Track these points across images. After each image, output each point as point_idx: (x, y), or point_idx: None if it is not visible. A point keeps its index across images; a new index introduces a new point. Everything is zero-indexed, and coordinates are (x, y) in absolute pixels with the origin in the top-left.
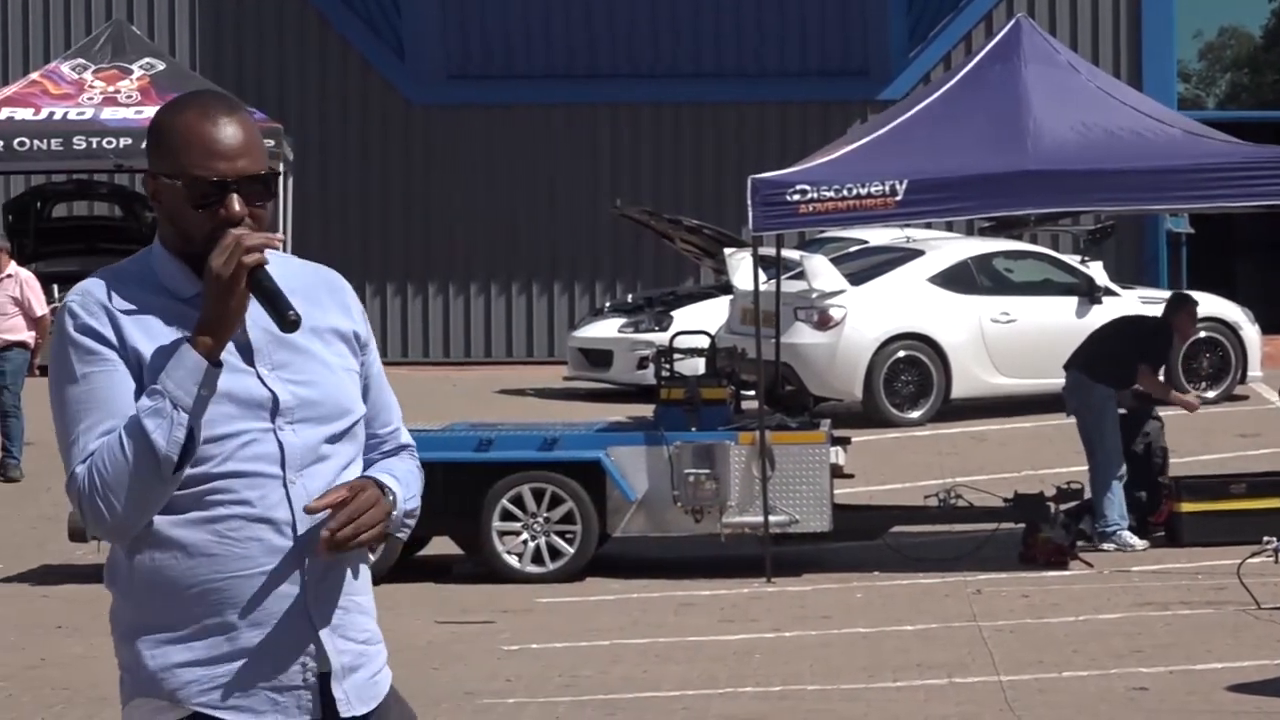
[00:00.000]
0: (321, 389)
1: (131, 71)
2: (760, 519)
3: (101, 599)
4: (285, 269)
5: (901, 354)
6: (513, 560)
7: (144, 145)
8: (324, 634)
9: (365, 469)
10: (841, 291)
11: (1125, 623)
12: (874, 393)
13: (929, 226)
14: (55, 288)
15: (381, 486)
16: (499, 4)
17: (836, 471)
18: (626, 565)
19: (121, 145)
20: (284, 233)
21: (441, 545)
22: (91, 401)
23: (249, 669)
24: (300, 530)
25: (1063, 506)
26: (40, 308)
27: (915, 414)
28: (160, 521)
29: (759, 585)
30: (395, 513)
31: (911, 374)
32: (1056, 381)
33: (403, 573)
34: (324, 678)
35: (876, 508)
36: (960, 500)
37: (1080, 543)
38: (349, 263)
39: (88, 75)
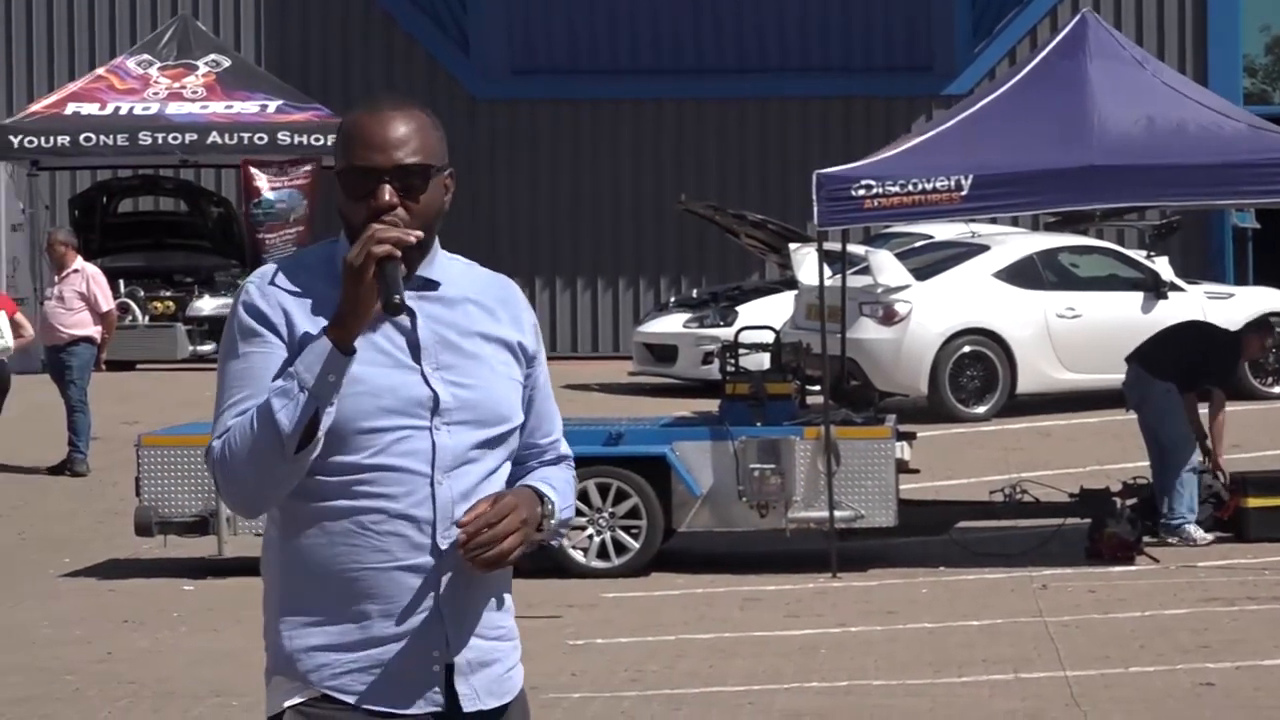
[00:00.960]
0: (482, 393)
1: (197, 68)
2: (825, 514)
3: (167, 593)
4: (468, 275)
5: (967, 349)
6: (578, 555)
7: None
8: (453, 630)
9: (523, 476)
10: (907, 286)
11: (1191, 618)
12: (939, 388)
13: (994, 221)
14: (121, 283)
15: (541, 496)
16: None
17: (902, 466)
18: (692, 560)
19: (187, 140)
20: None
21: None
22: (244, 379)
23: (378, 658)
24: (440, 530)
25: (1129, 501)
26: (106, 303)
27: (981, 409)
28: (310, 506)
29: (824, 580)
30: (552, 521)
31: (977, 369)
32: (1122, 377)
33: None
34: (450, 671)
35: (942, 503)
36: (1026, 495)
37: (1146, 538)
38: None
39: (153, 71)
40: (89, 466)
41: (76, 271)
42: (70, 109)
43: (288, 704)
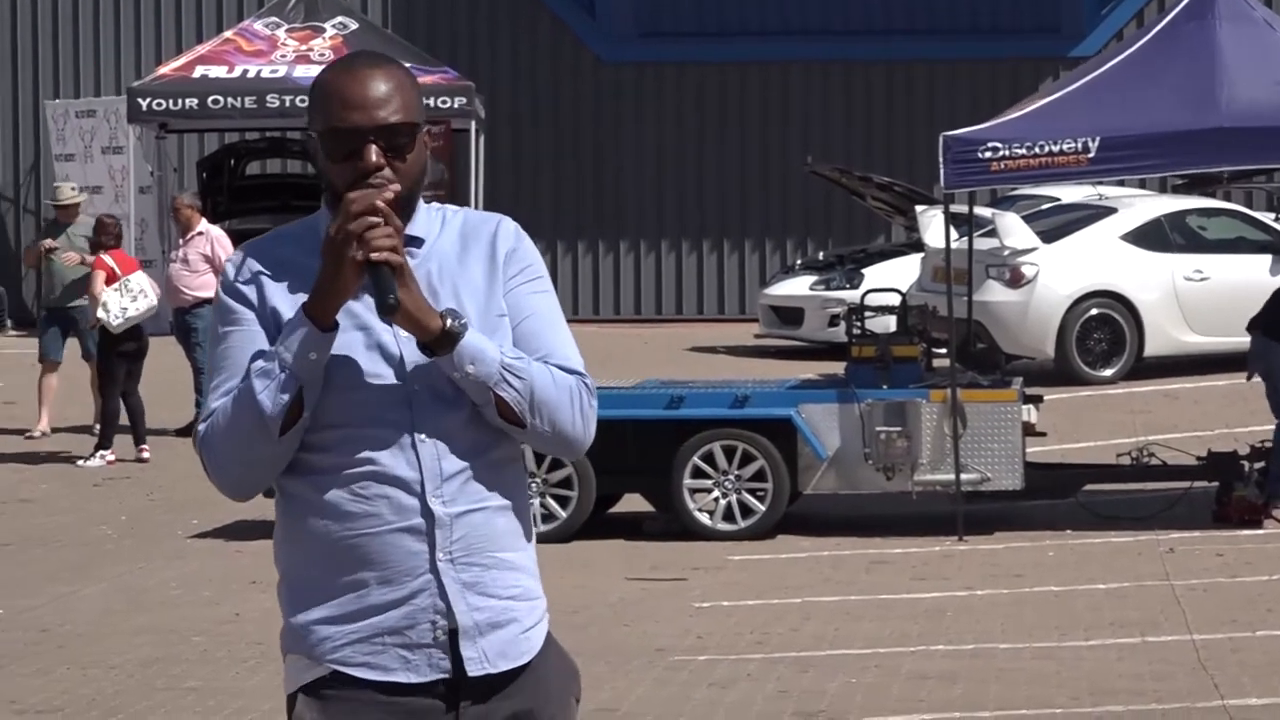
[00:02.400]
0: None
1: (324, 30)
2: (952, 477)
3: None
4: (451, 224)
5: (1094, 312)
6: (704, 517)
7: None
8: (453, 591)
9: None
10: (1033, 249)
11: None
12: (1066, 350)
13: (1121, 184)
14: None
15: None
16: None
17: (1028, 429)
18: (817, 523)
19: None
20: (475, 190)
21: (633, 502)
22: (225, 360)
23: (378, 626)
24: (428, 489)
25: (1257, 465)
26: None
27: (1107, 372)
28: (299, 479)
29: (951, 543)
30: (490, 357)
31: (1104, 332)
32: (1250, 340)
33: (594, 529)
34: (454, 635)
35: (1069, 466)
36: (1153, 458)
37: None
38: (539, 220)
39: (280, 33)
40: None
41: (201, 234)
42: (198, 72)
43: (298, 686)
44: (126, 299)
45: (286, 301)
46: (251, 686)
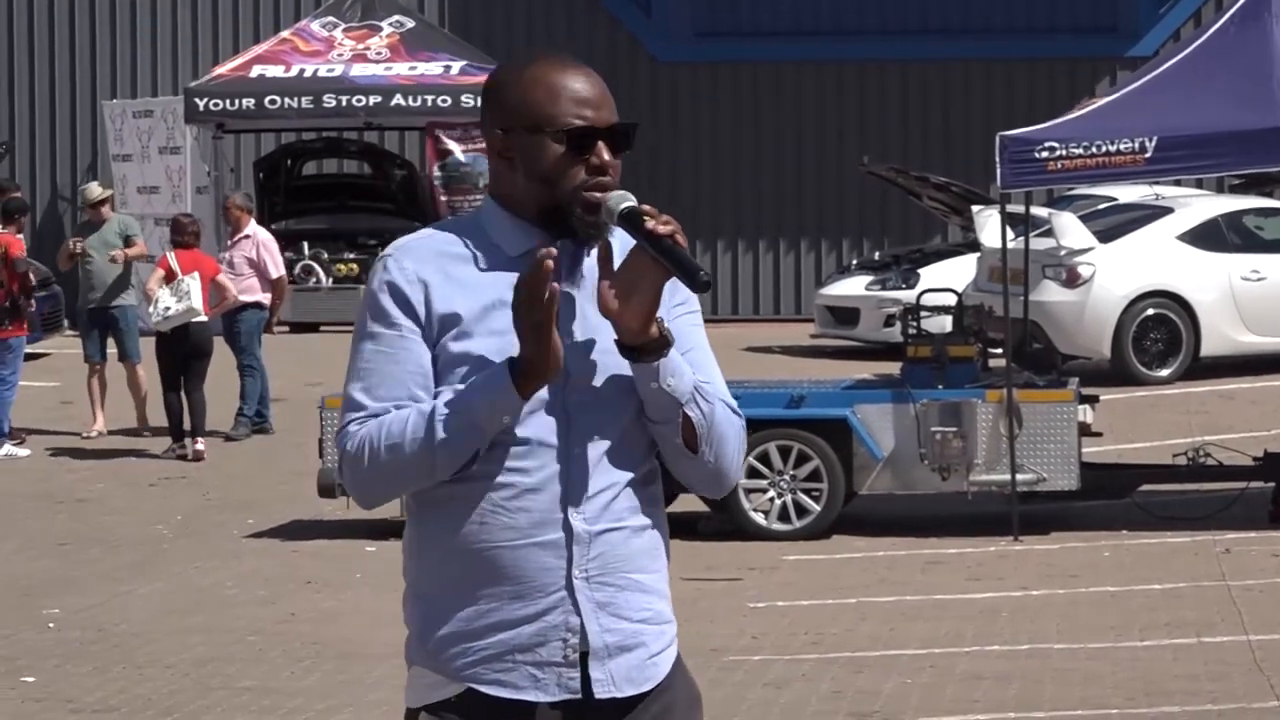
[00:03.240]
0: (614, 356)
1: (381, 29)
2: (1007, 477)
3: (349, 554)
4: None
5: (1150, 312)
6: (759, 517)
7: (481, 104)
8: (588, 611)
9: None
10: (1090, 249)
11: None
12: (1122, 351)
13: (1178, 184)
14: (305, 245)
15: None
16: None
17: (1084, 429)
18: (873, 523)
19: (371, 103)
20: None
21: (688, 502)
22: (378, 363)
23: (509, 643)
24: (571, 504)
25: None
26: (276, 269)
27: (1164, 372)
28: (439, 486)
29: (1006, 543)
30: (686, 373)
31: (1160, 332)
32: None
33: None
34: (585, 656)
35: (1125, 466)
36: (1209, 459)
37: None
38: None
39: (337, 33)
40: (250, 430)
41: (247, 237)
42: (255, 72)
43: (423, 704)
44: (172, 299)
45: (456, 301)
46: (306, 686)
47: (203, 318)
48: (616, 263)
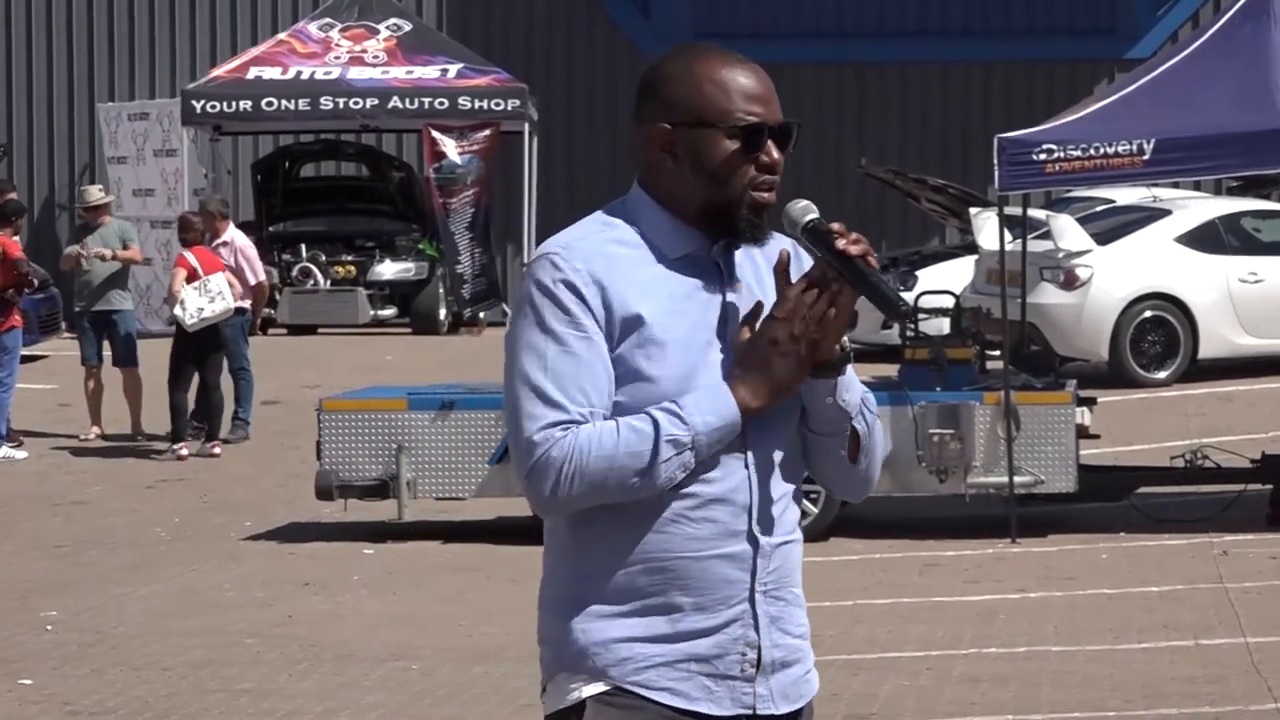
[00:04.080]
0: None
1: (378, 32)
2: (1005, 479)
3: (347, 557)
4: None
5: (1148, 314)
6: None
7: (643, 97)
8: (764, 626)
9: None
10: (1088, 251)
11: None
12: (1120, 353)
13: (1176, 186)
14: (303, 248)
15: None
16: None
17: (1082, 432)
18: (870, 525)
19: (368, 105)
20: (528, 192)
21: None
22: (565, 366)
23: (687, 652)
24: (755, 515)
25: None
26: (254, 275)
27: (1162, 374)
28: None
29: (1004, 546)
30: (858, 386)
31: (1158, 334)
32: None
33: None
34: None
35: (1122, 468)
36: (1207, 461)
37: None
38: None
39: (334, 35)
40: (247, 433)
41: (226, 244)
42: (252, 74)
43: (587, 692)
44: (204, 299)
45: (632, 302)
46: (304, 689)
47: (232, 311)
48: (794, 273)
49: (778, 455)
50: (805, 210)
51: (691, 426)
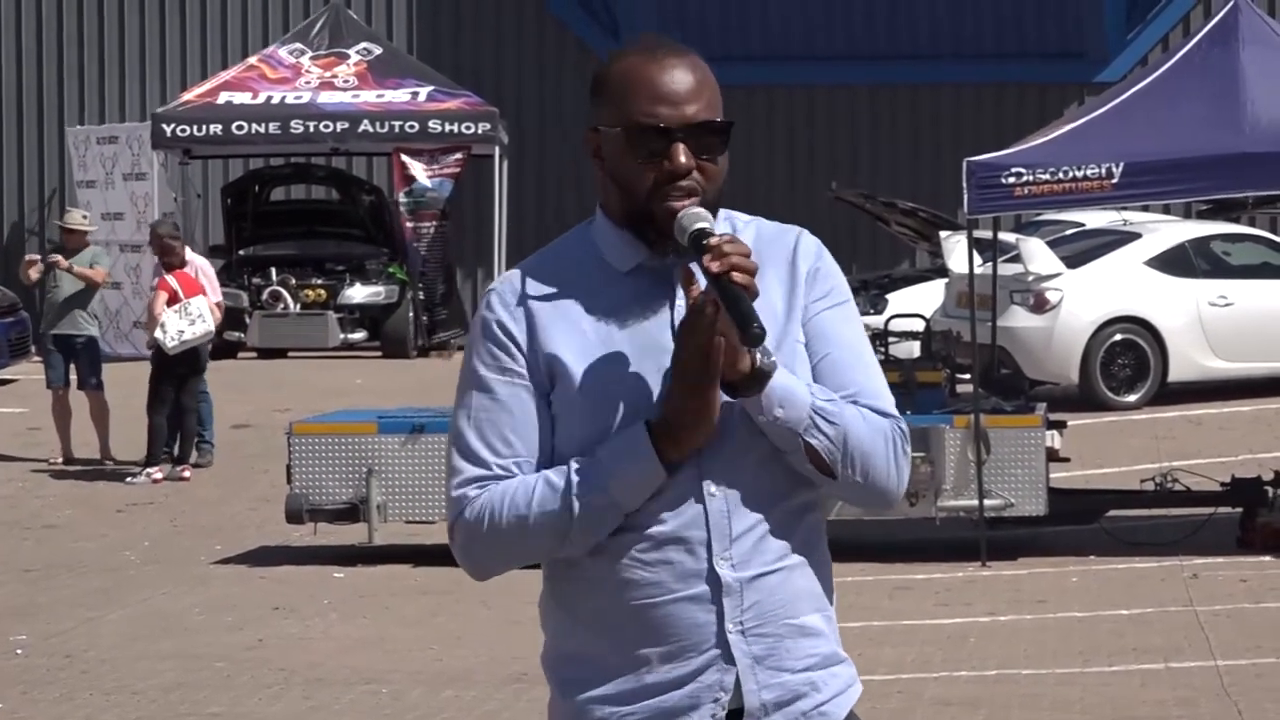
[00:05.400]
0: None
1: (348, 56)
2: (975, 502)
3: (317, 580)
4: (745, 234)
5: (1118, 337)
6: None
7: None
8: (743, 667)
9: None
10: (1058, 274)
11: None
12: (1090, 376)
13: (1145, 209)
14: (273, 271)
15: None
16: None
17: (1052, 455)
18: (841, 548)
19: (338, 129)
20: (499, 215)
21: None
22: (489, 416)
23: (657, 708)
24: (716, 550)
25: None
26: (215, 294)
27: (1132, 397)
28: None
29: (974, 569)
30: (799, 400)
31: (1128, 357)
32: (1275, 365)
33: None
34: (737, 715)
35: (1092, 491)
36: (1177, 484)
37: None
38: None
39: (305, 60)
40: (212, 457)
41: (187, 264)
42: (222, 98)
43: None
44: (184, 322)
45: (564, 335)
46: (274, 712)
47: (212, 334)
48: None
49: (741, 480)
50: (695, 219)
51: (603, 482)
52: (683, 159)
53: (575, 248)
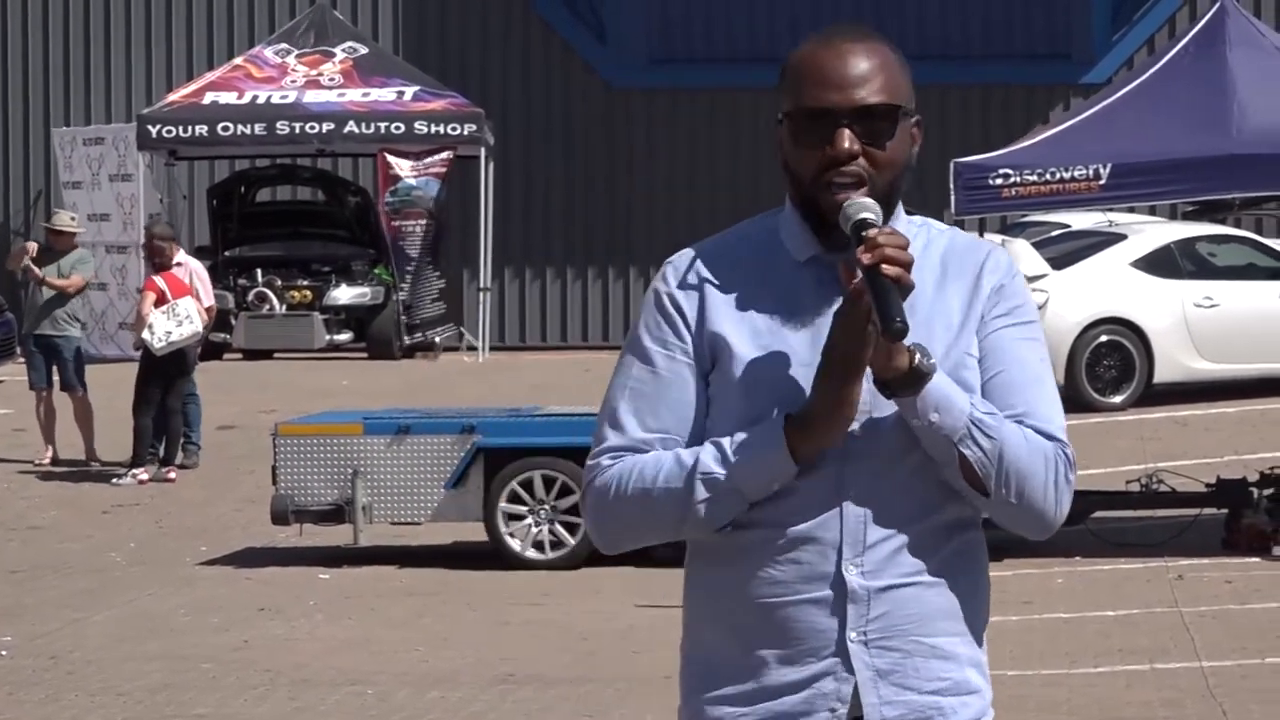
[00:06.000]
0: None
1: (334, 55)
2: None
3: (302, 581)
4: (936, 243)
5: (1104, 338)
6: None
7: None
8: (864, 679)
9: None
10: (1044, 275)
11: None
12: (1076, 377)
13: (1132, 210)
14: (259, 272)
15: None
16: None
17: None
18: None
19: (324, 129)
20: (485, 216)
21: None
22: (644, 389)
23: (773, 710)
24: (846, 555)
25: (1266, 491)
26: (207, 298)
27: (1117, 399)
28: (694, 540)
29: None
30: (957, 407)
31: (1114, 358)
32: (1260, 366)
33: (603, 556)
34: None
35: (1078, 492)
36: (1162, 485)
37: None
38: (549, 246)
39: (290, 59)
40: (198, 459)
41: (180, 265)
42: (208, 98)
43: None
44: (172, 323)
45: (735, 317)
46: (260, 713)
47: (200, 335)
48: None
49: (885, 486)
50: (860, 209)
51: (730, 466)
52: (846, 144)
53: (759, 232)
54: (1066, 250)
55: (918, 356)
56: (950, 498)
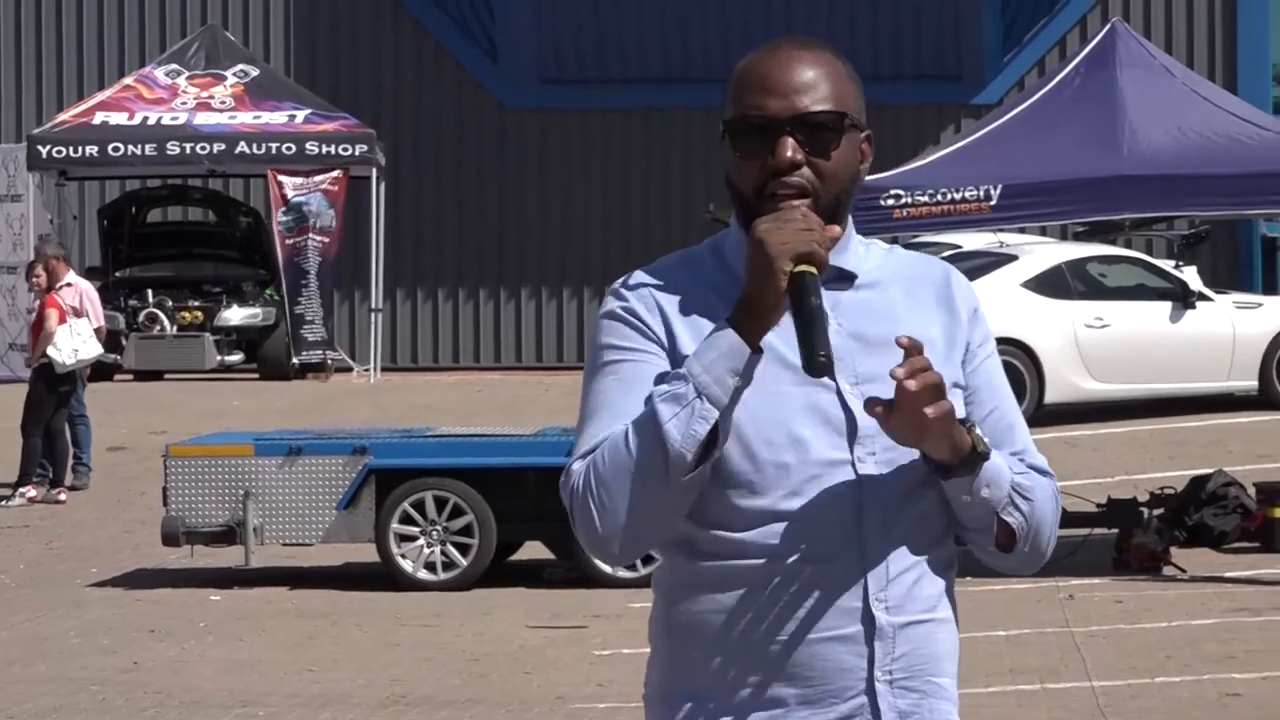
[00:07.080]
0: None
1: (225, 78)
2: None
3: (193, 603)
4: (889, 261)
5: None
6: (604, 565)
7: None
8: None
9: None
10: None
11: (1219, 628)
12: None
13: (1022, 231)
14: (149, 293)
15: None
16: (592, 8)
17: None
18: None
19: (215, 150)
20: (376, 236)
21: (533, 550)
22: (612, 393)
23: None
24: (872, 590)
25: (1156, 511)
26: (97, 319)
27: None
28: (701, 565)
29: None
30: (1004, 477)
31: None
32: (1149, 387)
33: (495, 577)
34: None
35: None
36: None
37: (1172, 548)
38: (441, 266)
39: (181, 81)
40: (88, 480)
41: (69, 285)
42: (98, 118)
43: None
44: (77, 340)
45: (690, 330)
46: None
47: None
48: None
49: (905, 516)
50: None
51: (684, 372)
52: (789, 153)
53: (701, 253)
54: None
55: (975, 435)
56: (945, 533)
